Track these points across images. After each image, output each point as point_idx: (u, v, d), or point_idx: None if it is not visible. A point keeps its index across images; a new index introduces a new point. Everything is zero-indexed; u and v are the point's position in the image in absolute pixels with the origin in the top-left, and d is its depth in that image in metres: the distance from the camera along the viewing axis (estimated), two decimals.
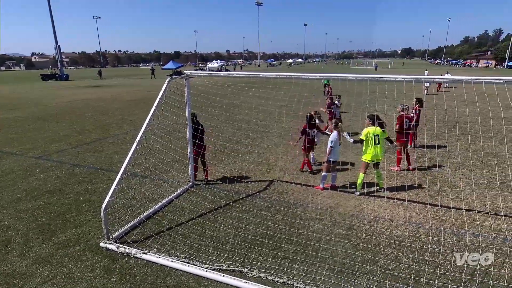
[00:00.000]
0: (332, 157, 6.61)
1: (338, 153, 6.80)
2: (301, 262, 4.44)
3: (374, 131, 6.45)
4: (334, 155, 6.62)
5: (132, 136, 8.56)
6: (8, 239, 5.12)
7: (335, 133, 6.65)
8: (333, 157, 6.62)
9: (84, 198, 6.56)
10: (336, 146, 6.60)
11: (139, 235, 5.12)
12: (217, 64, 76.85)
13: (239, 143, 10.24)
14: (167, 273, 4.31)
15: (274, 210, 5.99)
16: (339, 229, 5.30)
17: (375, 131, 6.44)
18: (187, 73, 6.44)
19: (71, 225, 5.53)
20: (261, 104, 14.73)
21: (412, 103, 9.94)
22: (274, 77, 5.79)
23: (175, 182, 7.12)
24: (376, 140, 6.43)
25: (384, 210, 5.96)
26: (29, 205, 6.27)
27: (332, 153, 6.59)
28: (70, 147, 10.37)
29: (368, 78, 5.13)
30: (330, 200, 6.39)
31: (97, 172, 8.05)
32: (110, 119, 15.19)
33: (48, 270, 4.37)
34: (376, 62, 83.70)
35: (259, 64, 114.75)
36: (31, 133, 12.53)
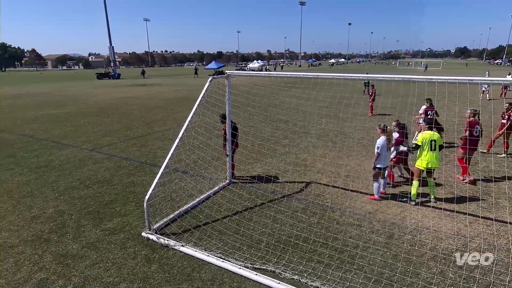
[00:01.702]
0: (379, 163, 6.22)
1: (386, 159, 6.33)
2: (336, 268, 4.32)
3: (431, 136, 6.03)
4: (382, 161, 6.21)
5: (175, 133, 8.94)
6: (63, 223, 5.63)
7: (382, 137, 6.21)
8: (380, 163, 6.22)
9: (130, 190, 6.99)
10: (384, 152, 6.17)
11: (177, 227, 5.33)
12: (257, 64, 77.48)
13: (277, 143, 10.23)
14: (202, 266, 4.44)
15: (310, 212, 5.89)
16: (378, 237, 5.07)
17: (432, 136, 6.02)
18: (229, 73, 6.57)
19: (117, 214, 5.92)
20: (300, 105, 14.59)
21: (504, 106, 9.23)
22: (314, 77, 5.69)
23: (213, 179, 7.31)
24: (433, 145, 5.98)
25: (429, 220, 5.59)
26: (82, 193, 6.83)
27: (380, 159, 6.20)
28: (119, 141, 11.11)
29: (414, 79, 4.83)
30: (370, 206, 6.13)
31: (142, 166, 8.53)
32: (155, 116, 16.01)
33: (96, 254, 4.72)
34: (426, 62, 78.46)
35: (300, 64, 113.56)
36: (85, 127, 13.63)
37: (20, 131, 13.03)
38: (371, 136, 9.67)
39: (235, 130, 7.11)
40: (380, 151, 6.11)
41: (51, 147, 10.43)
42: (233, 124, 7.09)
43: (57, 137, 11.89)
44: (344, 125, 12.66)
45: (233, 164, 7.39)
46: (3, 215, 5.93)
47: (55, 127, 13.65)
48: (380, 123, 6.49)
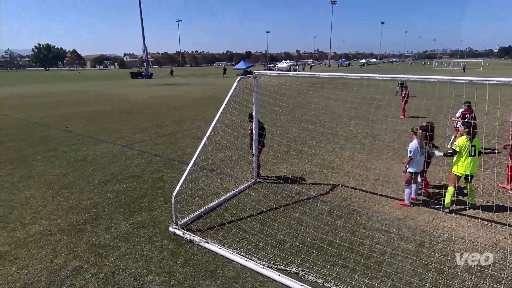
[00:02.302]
0: (412, 167, 6.00)
1: (420, 164, 6.02)
2: (362, 274, 4.20)
3: (468, 140, 5.73)
4: (415, 165, 5.98)
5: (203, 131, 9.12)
6: (97, 214, 5.93)
7: (415, 141, 5.99)
8: (413, 167, 5.99)
9: (158, 185, 7.23)
10: (416, 156, 5.93)
11: (203, 224, 5.44)
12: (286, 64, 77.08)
13: (303, 144, 10.13)
14: (226, 264, 4.49)
15: (336, 215, 5.77)
16: (407, 244, 4.87)
17: (468, 141, 5.72)
18: (257, 73, 6.59)
19: (146, 208, 6.14)
20: (328, 105, 14.33)
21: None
22: (343, 77, 5.56)
23: (239, 178, 7.37)
24: (473, 151, 5.69)
25: (464, 230, 5.28)
26: (114, 187, 7.15)
27: (412, 164, 5.98)
28: (150, 138, 11.52)
29: (451, 80, 4.58)
30: (399, 212, 5.90)
31: (170, 163, 8.79)
32: (184, 115, 16.42)
33: (125, 246, 4.93)
34: (465, 63, 73.89)
35: (329, 64, 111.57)
36: (119, 124, 14.27)
37: (61, 126, 13.91)
38: (403, 139, 9.31)
39: (262, 130, 7.12)
40: (412, 155, 5.89)
41: (88, 142, 11.03)
42: (260, 124, 7.11)
43: (93, 133, 12.56)
44: (374, 127, 12.28)
45: (259, 164, 7.41)
46: (44, 204, 6.35)
47: (92, 124, 14.42)
48: (413, 126, 6.23)
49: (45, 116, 16.59)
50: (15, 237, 5.20)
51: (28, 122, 15.17)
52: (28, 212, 6.02)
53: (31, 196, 6.74)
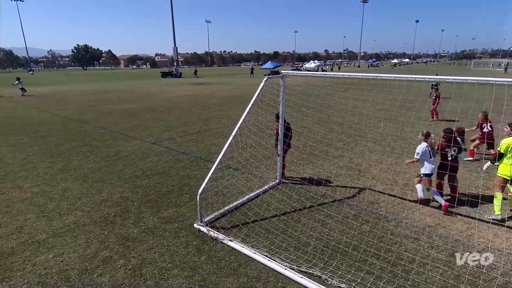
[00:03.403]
0: (425, 169, 6.02)
1: (431, 165, 6.02)
2: (388, 282, 4.06)
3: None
4: (428, 167, 6.00)
5: (229, 130, 9.22)
6: (126, 208, 6.18)
7: (423, 144, 6.07)
8: (425, 169, 6.02)
9: (185, 182, 7.40)
10: (427, 158, 5.99)
11: (227, 222, 5.50)
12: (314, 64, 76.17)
13: (330, 146, 9.95)
14: (249, 263, 4.51)
15: (362, 220, 5.61)
16: (438, 254, 4.64)
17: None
18: (284, 73, 6.56)
19: (173, 204, 6.31)
20: (357, 107, 13.97)
21: None
22: (372, 78, 5.40)
23: (263, 178, 7.38)
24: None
25: (502, 241, 4.94)
26: (144, 182, 7.42)
27: (425, 166, 6.02)
28: (178, 136, 11.83)
29: (491, 81, 4.29)
30: (430, 219, 5.63)
31: (197, 160, 8.97)
32: (211, 114, 16.70)
33: (152, 240, 5.10)
34: (506, 63, 68.81)
35: (358, 65, 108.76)
36: (149, 122, 14.78)
37: (96, 123, 14.65)
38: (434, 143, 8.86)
39: (288, 130, 7.08)
40: (420, 157, 6.01)
41: (120, 139, 11.53)
42: (287, 124, 7.07)
43: (125, 130, 13.10)
44: (405, 130, 11.80)
45: (284, 164, 7.38)
46: (78, 196, 6.72)
47: (124, 121, 15.06)
48: (423, 130, 6.25)
49: (82, 113, 17.54)
50: (53, 226, 5.54)
51: (67, 118, 16.12)
52: (64, 203, 6.40)
53: (68, 188, 7.16)
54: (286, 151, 7.29)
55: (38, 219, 5.78)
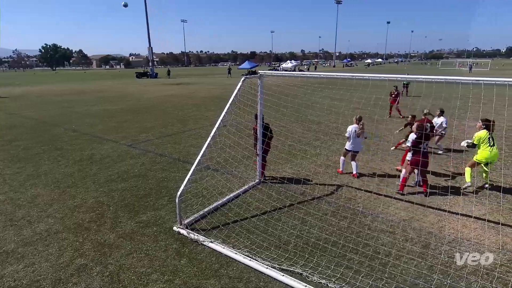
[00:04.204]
0: (348, 145, 7.54)
1: (356, 144, 7.48)
2: (366, 275, 4.18)
3: (487, 133, 6.51)
4: (350, 144, 7.47)
5: (207, 131, 9.13)
6: (102, 213, 5.98)
7: (353, 125, 7.43)
8: (348, 146, 7.53)
9: (163, 185, 7.26)
10: (352, 138, 7.40)
11: (207, 224, 5.45)
12: (291, 64, 77.01)
13: (308, 144, 10.10)
14: (230, 263, 4.50)
15: (340, 216, 5.75)
16: (412, 246, 4.83)
17: (488, 133, 6.51)
18: (261, 73, 6.59)
19: (151, 208, 6.17)
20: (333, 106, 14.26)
21: None
22: (348, 77, 5.54)
23: (243, 178, 7.38)
24: (491, 141, 6.49)
25: (470, 232, 5.22)
26: (120, 186, 7.21)
27: (349, 143, 7.49)
28: (155, 138, 11.58)
29: (455, 80, 4.53)
30: (404, 213, 5.86)
31: (175, 162, 8.82)
32: (189, 114, 16.48)
33: (130, 245, 4.96)
34: (471, 63, 72.84)
35: (334, 65, 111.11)
36: (124, 123, 14.37)
37: (67, 125, 14.05)
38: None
39: (266, 130, 7.10)
40: (347, 135, 7.46)
41: (94, 142, 11.12)
42: (265, 124, 7.10)
43: (99, 132, 12.66)
44: (379, 127, 12.19)
45: (264, 164, 7.40)
46: (50, 203, 6.42)
47: (98, 123, 14.55)
48: (357, 115, 7.57)
49: (53, 116, 16.77)
50: (22, 235, 5.26)
51: (35, 121, 15.35)
52: (34, 211, 6.09)
53: (38, 194, 6.82)
54: (266, 151, 7.32)
55: (5, 229, 5.46)
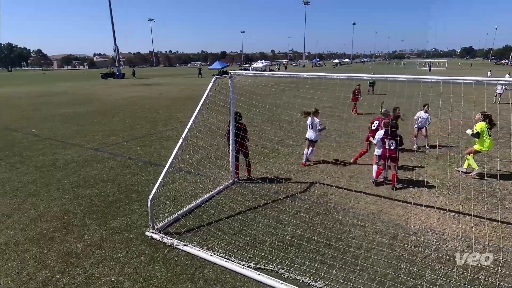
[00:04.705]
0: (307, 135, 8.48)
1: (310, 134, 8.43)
2: (340, 268, 4.31)
3: (486, 124, 7.22)
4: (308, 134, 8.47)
5: (179, 133, 8.95)
6: (68, 221, 5.67)
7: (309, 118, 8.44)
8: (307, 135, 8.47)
9: (134, 189, 7.03)
10: (307, 128, 8.48)
11: (181, 227, 5.35)
12: (261, 64, 77.46)
13: (280, 143, 10.22)
14: (206, 266, 4.45)
15: (314, 212, 5.88)
16: (381, 238, 5.05)
17: (487, 124, 7.22)
18: (232, 73, 6.58)
19: (121, 213, 5.95)
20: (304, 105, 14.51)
21: None
22: (318, 77, 5.68)
23: (217, 179, 7.32)
24: (489, 131, 7.29)
25: (434, 222, 5.55)
26: (87, 192, 6.87)
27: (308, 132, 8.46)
28: (123, 141, 11.17)
29: (418, 80, 4.80)
30: (374, 207, 6.11)
31: (145, 165, 8.57)
32: (159, 116, 16.07)
33: (100, 253, 4.75)
34: (430, 62, 77.73)
35: (303, 64, 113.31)
36: (91, 126, 13.73)
37: (27, 130, 13.16)
38: None
39: (239, 130, 7.08)
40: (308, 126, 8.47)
41: (56, 147, 10.52)
42: (238, 125, 7.08)
43: (63, 136, 11.99)
44: (348, 125, 12.61)
45: (237, 165, 7.39)
46: (8, 213, 5.99)
47: (62, 127, 13.77)
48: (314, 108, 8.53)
49: (10, 120, 15.64)
50: None
51: None
52: None
53: None
54: (239, 151, 7.29)
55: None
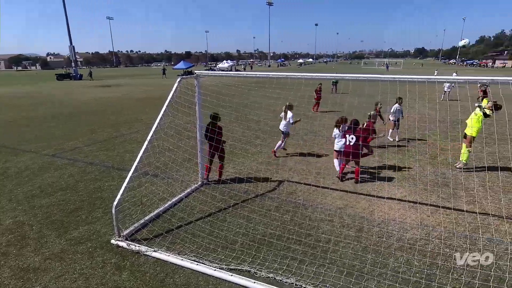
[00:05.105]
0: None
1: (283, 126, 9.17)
2: (310, 263, 4.42)
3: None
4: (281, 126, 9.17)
5: (143, 135, 8.66)
6: (23, 234, 5.25)
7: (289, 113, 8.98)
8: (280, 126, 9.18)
9: (96, 196, 6.68)
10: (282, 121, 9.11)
11: (149, 233, 5.18)
12: (227, 64, 77.09)
13: (248, 143, 10.25)
14: (176, 271, 4.35)
15: (283, 210, 5.97)
16: (348, 231, 5.25)
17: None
18: (198, 73, 6.49)
19: (83, 222, 5.63)
20: (271, 104, 14.71)
21: None
22: (283, 77, 5.77)
23: (185, 181, 7.18)
24: None
25: (395, 212, 5.88)
26: (43, 202, 6.42)
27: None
28: (84, 145, 10.57)
29: (377, 78, 5.07)
30: (340, 202, 6.34)
31: (109, 170, 8.18)
32: (122, 118, 15.42)
33: (60, 266, 4.46)
34: (388, 62, 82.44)
35: (269, 64, 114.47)
36: (47, 131, 12.82)
37: None
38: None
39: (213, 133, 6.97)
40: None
41: (7, 154, 9.70)
42: (208, 127, 7.02)
43: (14, 143, 11.07)
44: (313, 123, 12.96)
45: (209, 167, 7.31)
46: None
47: (12, 132, 12.71)
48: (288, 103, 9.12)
49: None
50: None
51: None
52: None
53: None
54: (213, 154, 7.17)
55: None
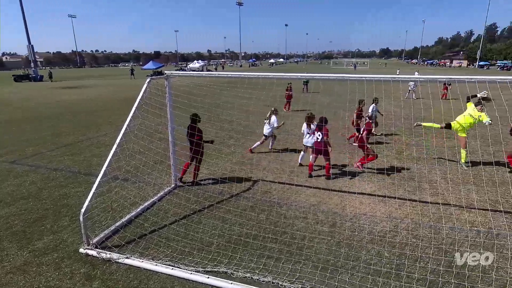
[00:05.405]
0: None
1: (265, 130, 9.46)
2: (286, 261, 4.48)
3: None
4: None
5: (112, 138, 8.31)
6: None
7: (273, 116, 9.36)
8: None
9: (62, 203, 6.34)
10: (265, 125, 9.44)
11: (120, 239, 4.99)
12: (198, 64, 76.12)
13: (222, 144, 10.18)
14: (151, 277, 4.23)
15: (258, 209, 6.00)
16: (322, 227, 5.38)
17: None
18: (168, 73, 6.35)
19: (48, 232, 5.32)
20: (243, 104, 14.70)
21: None
22: (255, 77, 5.80)
23: (158, 184, 7.00)
24: None
25: (366, 207, 6.10)
26: (2, 212, 5.98)
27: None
28: (47, 151, 9.98)
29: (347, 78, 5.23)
30: (313, 199, 6.47)
31: (75, 176, 7.79)
32: (88, 121, 14.74)
33: (24, 280, 4.18)
34: (355, 62, 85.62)
35: (240, 64, 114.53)
36: (5, 136, 11.96)
37: None
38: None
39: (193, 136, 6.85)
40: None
41: None
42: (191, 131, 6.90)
43: None
44: (286, 123, 13.11)
45: (185, 170, 7.18)
46: None
47: None
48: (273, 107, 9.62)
49: None
50: None
51: None
52: None
53: None
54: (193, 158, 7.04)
55: None
